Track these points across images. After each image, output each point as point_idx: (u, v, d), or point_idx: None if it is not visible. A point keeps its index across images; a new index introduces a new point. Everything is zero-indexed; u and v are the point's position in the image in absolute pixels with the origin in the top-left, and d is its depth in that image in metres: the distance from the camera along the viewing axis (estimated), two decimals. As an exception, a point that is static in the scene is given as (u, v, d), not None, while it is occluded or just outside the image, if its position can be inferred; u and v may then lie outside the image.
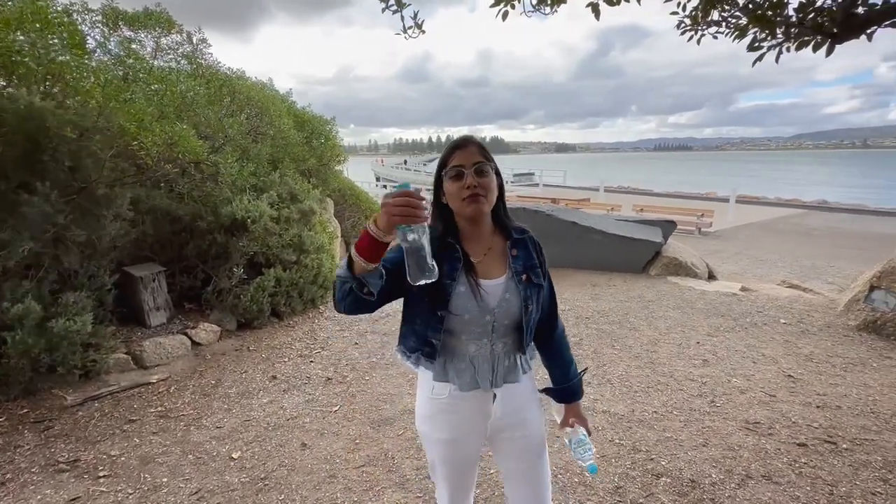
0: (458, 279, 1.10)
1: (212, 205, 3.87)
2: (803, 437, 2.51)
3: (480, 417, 1.20)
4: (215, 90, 4.85)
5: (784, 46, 3.05)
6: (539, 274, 1.18)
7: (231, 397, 2.93)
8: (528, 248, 1.19)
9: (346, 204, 9.08)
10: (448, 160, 1.12)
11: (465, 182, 1.08)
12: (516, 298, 1.12)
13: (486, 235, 1.18)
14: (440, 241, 1.12)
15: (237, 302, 3.88)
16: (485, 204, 1.10)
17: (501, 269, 1.15)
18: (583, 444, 1.25)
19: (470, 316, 1.10)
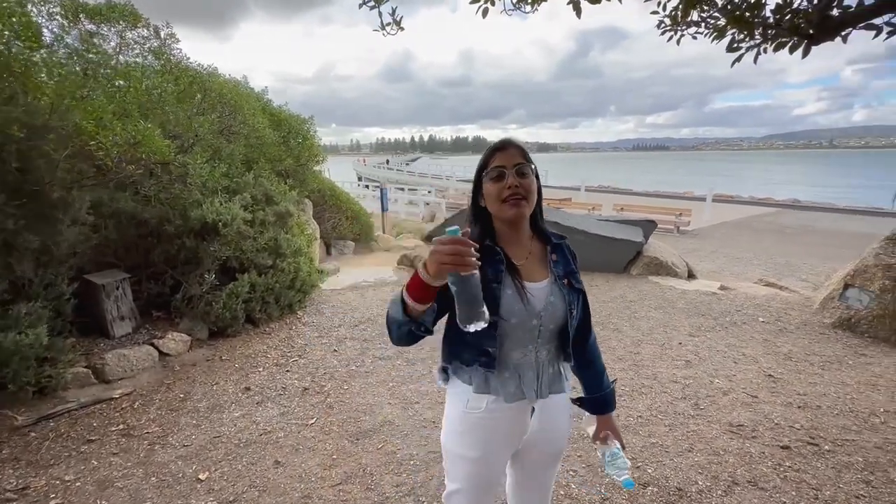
0: (503, 282, 1.09)
1: (180, 208, 3.68)
2: (786, 438, 2.50)
3: (517, 431, 1.16)
4: (185, 87, 4.64)
5: (762, 48, 3.07)
6: (579, 279, 1.18)
7: (200, 412, 2.77)
8: (565, 253, 1.19)
9: (326, 205, 8.89)
10: (489, 162, 1.12)
11: (506, 182, 1.08)
12: (561, 302, 1.11)
13: (525, 239, 1.17)
14: (480, 243, 1.06)
15: (209, 309, 3.70)
16: (525, 206, 1.09)
17: (544, 272, 1.14)
18: (617, 457, 1.20)
19: (517, 320, 1.08)
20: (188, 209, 3.65)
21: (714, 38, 3.20)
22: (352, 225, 9.07)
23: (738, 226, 14.36)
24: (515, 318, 1.08)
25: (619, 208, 15.49)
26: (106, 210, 3.59)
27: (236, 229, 3.81)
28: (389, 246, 9.43)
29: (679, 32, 3.32)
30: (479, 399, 1.12)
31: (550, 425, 1.18)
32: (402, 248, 8.96)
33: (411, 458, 2.33)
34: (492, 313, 1.01)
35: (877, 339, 3.97)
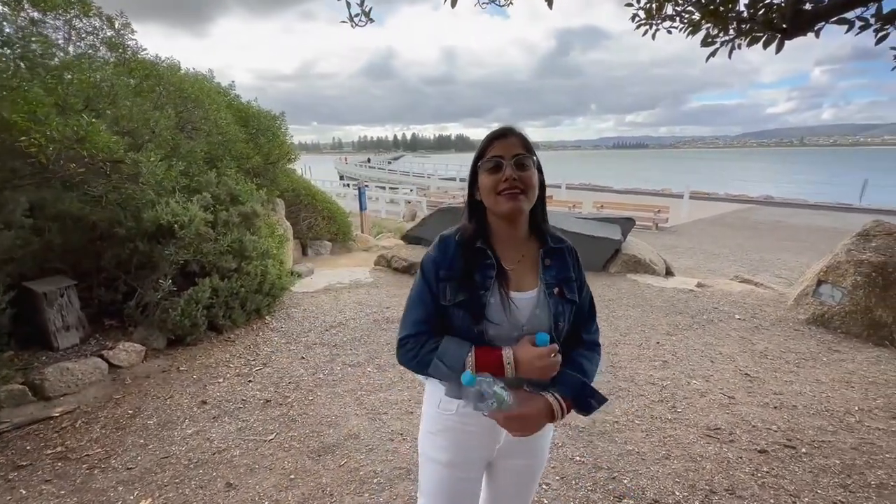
0: (491, 289, 1.02)
1: (133, 209, 3.44)
2: (763, 442, 2.44)
3: (488, 440, 1.10)
4: (141, 80, 4.37)
5: (736, 42, 3.02)
6: (573, 288, 1.08)
7: (149, 429, 2.56)
8: (564, 258, 1.10)
9: (301, 204, 8.63)
10: (486, 151, 1.04)
11: (503, 174, 0.99)
12: (546, 315, 1.03)
13: (521, 240, 1.09)
14: (470, 244, 1.05)
15: (165, 317, 3.47)
16: (524, 201, 1.01)
17: (534, 279, 1.06)
18: (494, 394, 0.94)
19: (496, 332, 1.01)
20: (141, 210, 3.41)
21: (689, 33, 3.14)
22: (328, 225, 8.83)
23: (714, 222, 14.60)
24: (495, 329, 1.01)
25: (599, 206, 15.59)
26: (49, 212, 3.33)
27: (195, 231, 3.59)
28: (368, 246, 9.23)
29: (654, 26, 3.26)
30: (451, 401, 1.06)
31: (525, 438, 1.06)
32: (380, 248, 8.78)
33: (375, 475, 2.18)
34: (477, 322, 1.00)
35: (849, 334, 3.99)
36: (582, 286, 1.13)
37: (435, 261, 1.06)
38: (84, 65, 3.48)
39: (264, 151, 5.82)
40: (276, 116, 6.40)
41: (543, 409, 0.98)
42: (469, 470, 1.12)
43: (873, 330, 3.88)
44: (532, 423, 0.97)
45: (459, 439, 1.09)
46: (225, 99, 5.84)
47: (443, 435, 1.10)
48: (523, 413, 0.95)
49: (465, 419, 1.07)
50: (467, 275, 1.03)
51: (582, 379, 1.03)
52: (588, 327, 1.14)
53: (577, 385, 1.02)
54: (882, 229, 4.23)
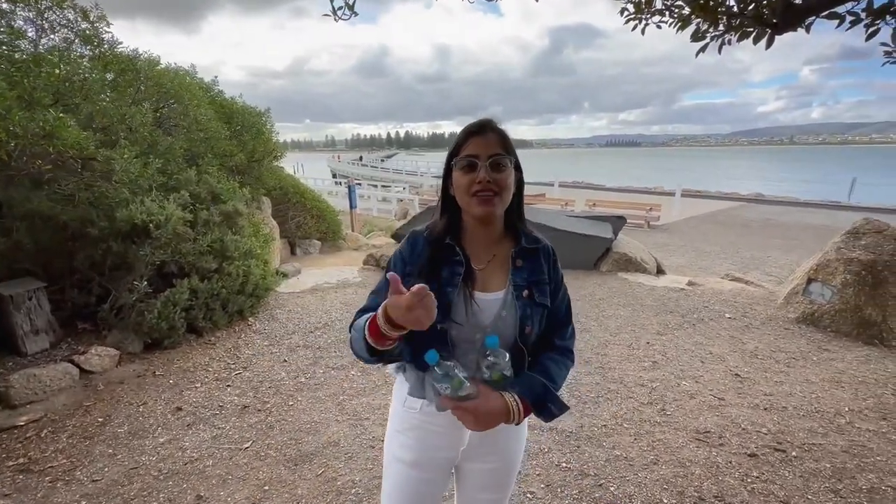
0: (458, 287, 0.99)
1: (106, 208, 3.31)
2: (753, 445, 2.39)
3: (452, 440, 1.06)
4: (117, 75, 4.23)
5: (726, 38, 2.96)
6: (545, 291, 1.03)
7: (119, 438, 2.45)
8: (538, 259, 1.05)
9: (289, 203, 8.50)
10: (461, 147, 0.98)
11: (477, 176, 0.95)
12: (512, 317, 0.99)
13: (493, 239, 1.05)
14: (439, 241, 1.02)
15: (141, 319, 3.35)
16: (497, 204, 0.97)
17: (503, 280, 1.02)
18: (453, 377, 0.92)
19: (458, 332, 0.98)
20: (114, 209, 3.28)
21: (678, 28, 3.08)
22: (318, 223, 8.71)
23: (705, 220, 14.65)
24: (457, 328, 0.98)
25: (591, 204, 15.58)
26: (17, 211, 3.19)
27: (172, 230, 3.47)
28: (358, 245, 9.12)
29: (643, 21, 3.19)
30: (415, 400, 1.05)
31: (491, 440, 1.06)
32: (370, 247, 8.67)
33: (353, 485, 2.10)
34: (442, 319, 0.95)
35: (839, 333, 3.97)
36: (557, 289, 1.08)
37: (402, 256, 1.05)
38: (54, 58, 3.34)
39: (248, 149, 5.69)
40: (262, 113, 6.27)
41: (499, 407, 0.93)
42: (433, 471, 1.09)
43: (863, 328, 3.86)
44: (485, 418, 0.91)
45: (424, 438, 1.06)
46: (208, 95, 5.70)
47: (407, 434, 1.08)
48: (478, 406, 0.91)
49: (429, 418, 1.05)
50: (433, 271, 1.00)
51: (544, 382, 0.98)
52: (562, 332, 1.09)
53: (537, 388, 0.97)
54: (871, 227, 4.21)
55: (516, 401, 0.94)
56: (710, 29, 2.94)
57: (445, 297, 0.97)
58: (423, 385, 1.03)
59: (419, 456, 1.07)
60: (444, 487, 1.13)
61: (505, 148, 0.97)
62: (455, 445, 1.07)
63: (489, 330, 0.98)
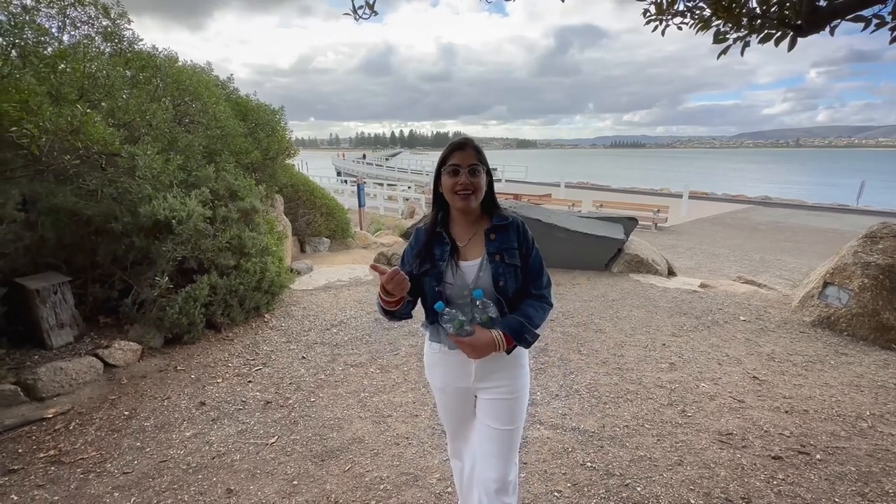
0: (447, 260, 1.37)
1: (129, 203, 3.34)
2: (777, 447, 2.39)
3: (462, 373, 1.43)
4: (138, 72, 4.26)
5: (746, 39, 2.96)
6: (514, 255, 1.37)
7: (146, 432, 2.48)
8: (508, 232, 1.39)
9: (300, 201, 8.53)
10: (448, 158, 1.36)
11: (459, 179, 1.32)
12: (488, 275, 1.35)
13: (472, 223, 1.42)
14: (431, 230, 1.42)
15: (162, 314, 3.38)
16: (473, 200, 1.35)
17: (480, 251, 1.38)
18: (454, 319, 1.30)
19: (452, 291, 1.36)
20: (137, 205, 3.31)
21: (699, 29, 3.08)
22: (327, 221, 8.74)
23: (713, 222, 14.60)
24: (450, 288, 1.36)
25: (598, 205, 15.55)
26: (42, 206, 3.23)
27: (193, 227, 3.50)
28: (367, 243, 9.15)
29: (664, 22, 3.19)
30: (434, 344, 1.46)
31: (492, 372, 1.41)
32: (380, 246, 8.70)
33: (381, 481, 2.12)
34: (439, 283, 1.36)
35: (855, 337, 3.96)
36: (529, 252, 1.41)
37: (411, 245, 1.45)
38: (79, 54, 3.37)
39: (263, 146, 5.72)
40: (276, 111, 6.29)
41: (487, 339, 1.29)
42: (456, 395, 1.49)
43: (880, 333, 3.85)
44: (478, 348, 1.29)
45: (444, 371, 1.46)
46: (224, 92, 5.73)
47: (432, 368, 1.50)
48: (473, 339, 1.29)
49: (444, 356, 1.44)
50: (429, 251, 1.39)
51: (520, 319, 1.32)
52: (536, 283, 1.41)
53: (515, 324, 1.31)
54: (889, 231, 4.20)
55: (500, 334, 1.30)
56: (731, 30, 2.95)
57: (438, 268, 1.36)
58: (438, 332, 1.42)
59: (444, 384, 1.48)
60: (469, 408, 1.53)
61: (479, 159, 1.35)
62: (465, 377, 1.43)
63: (472, 286, 1.34)
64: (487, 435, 1.43)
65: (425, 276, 1.37)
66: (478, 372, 1.40)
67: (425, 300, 1.42)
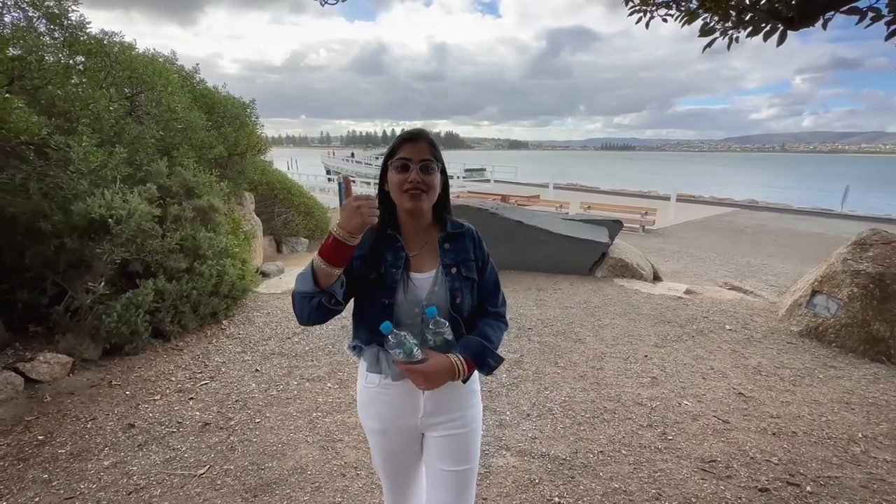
0: (401, 268, 1.14)
1: (61, 200, 3.02)
2: (764, 477, 2.17)
3: (409, 409, 1.19)
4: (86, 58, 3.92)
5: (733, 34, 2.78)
6: (472, 267, 1.20)
7: (58, 461, 2.18)
8: (464, 242, 1.21)
9: (276, 199, 8.22)
10: (396, 150, 1.14)
11: (408, 176, 1.10)
12: (444, 291, 1.15)
13: (423, 229, 1.21)
14: (381, 229, 1.16)
15: (98, 323, 3.07)
16: (425, 201, 1.13)
17: (434, 261, 1.18)
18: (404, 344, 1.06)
19: (400, 308, 1.13)
20: (70, 202, 3.00)
21: (684, 22, 2.90)
22: (305, 220, 8.44)
23: (700, 225, 14.55)
24: (399, 304, 1.13)
25: (586, 206, 15.41)
26: (-40, 202, 2.89)
27: (136, 226, 3.18)
28: (346, 243, 8.85)
29: (649, 14, 3.00)
30: (374, 376, 1.18)
31: (444, 406, 1.19)
32: (359, 246, 8.41)
33: (318, 522, 1.85)
34: (390, 297, 1.12)
35: (844, 349, 3.78)
36: (485, 265, 1.24)
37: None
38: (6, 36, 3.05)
39: (230, 141, 5.40)
40: (246, 104, 5.97)
41: (445, 365, 1.07)
42: (399, 437, 1.22)
43: (870, 345, 3.68)
44: (434, 376, 1.06)
45: (384, 409, 1.20)
46: (188, 83, 5.40)
47: (370, 406, 1.22)
48: (427, 367, 1.05)
49: (386, 390, 1.17)
50: (378, 255, 1.14)
51: (481, 342, 1.14)
52: (493, 300, 1.25)
53: (476, 347, 1.13)
54: (879, 238, 4.04)
55: (459, 359, 1.09)
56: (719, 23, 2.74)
57: (391, 276, 1.12)
58: (378, 361, 1.15)
59: (384, 425, 1.21)
60: (416, 451, 1.26)
61: (434, 155, 1.13)
62: (412, 413, 1.18)
63: (425, 303, 1.12)
64: (439, 479, 1.22)
65: (372, 284, 1.13)
66: (427, 405, 1.18)
67: (362, 311, 1.17)
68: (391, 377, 1.15)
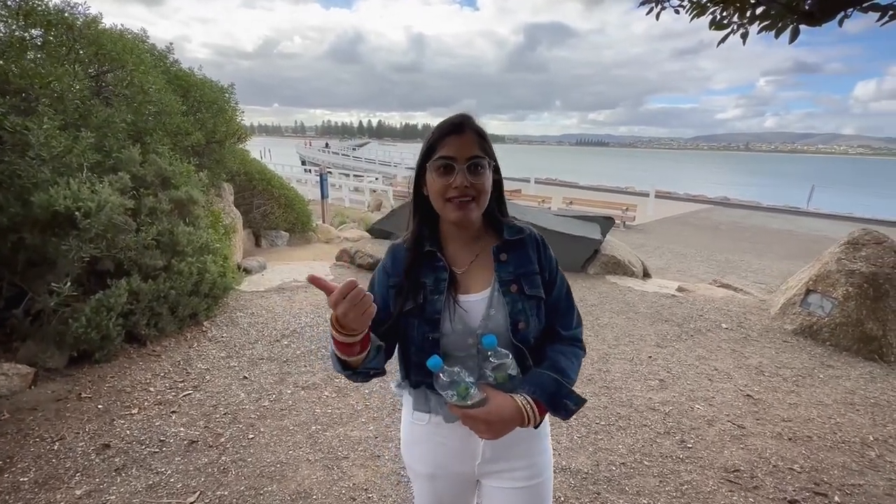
0: (445, 293, 0.94)
1: (18, 190, 2.66)
2: (790, 487, 2.11)
3: (465, 455, 1.00)
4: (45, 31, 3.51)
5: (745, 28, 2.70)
6: (536, 282, 0.97)
7: (21, 491, 1.90)
8: (525, 250, 1.00)
9: (254, 190, 7.81)
10: (436, 146, 0.91)
11: (453, 180, 0.89)
12: (502, 314, 0.94)
13: (472, 240, 1.01)
14: (418, 246, 0.98)
15: (64, 328, 2.75)
16: (475, 210, 0.92)
17: (488, 278, 0.97)
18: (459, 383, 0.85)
19: (449, 339, 0.93)
20: (30, 192, 2.65)
21: (694, 15, 2.81)
22: (286, 213, 8.07)
23: (678, 221, 14.87)
24: (447, 336, 0.93)
25: (568, 202, 15.50)
26: None
27: (106, 220, 2.86)
28: (329, 237, 8.53)
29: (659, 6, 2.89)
30: (422, 415, 1.01)
31: (507, 451, 0.98)
32: (343, 241, 8.11)
33: (331, 557, 1.66)
34: (433, 329, 0.93)
35: (839, 347, 3.83)
36: (553, 277, 1.01)
37: (385, 269, 1.01)
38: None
39: (208, 127, 5.02)
40: (225, 88, 5.57)
41: (511, 410, 0.86)
42: (452, 484, 1.04)
43: (864, 343, 3.73)
44: (498, 424, 0.85)
45: (435, 451, 1.01)
46: (162, 64, 4.98)
47: (417, 446, 1.04)
48: (489, 412, 0.84)
49: (437, 429, 1.00)
50: (416, 281, 0.96)
51: (555, 378, 0.91)
52: (564, 322, 1.02)
53: (549, 385, 0.90)
54: (871, 238, 4.10)
55: (528, 401, 0.87)
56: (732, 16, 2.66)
57: (433, 305, 0.94)
58: (427, 398, 0.99)
59: (434, 469, 1.02)
60: (468, 500, 1.09)
61: (483, 149, 0.92)
62: (468, 459, 1.00)
63: (480, 331, 0.93)
64: None
65: (409, 317, 0.95)
66: (486, 451, 0.99)
67: (406, 349, 0.98)
68: (443, 417, 0.97)
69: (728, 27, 2.61)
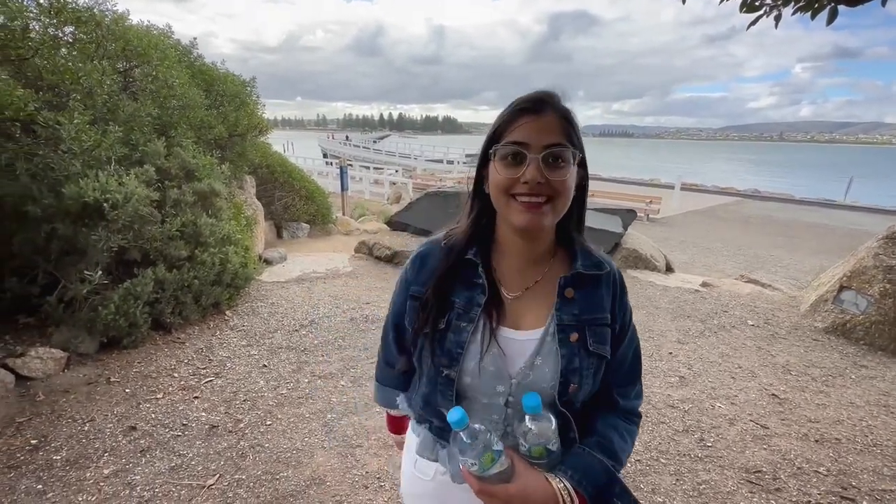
0: (476, 320, 0.74)
1: (51, 182, 2.78)
2: (815, 490, 2.04)
3: None
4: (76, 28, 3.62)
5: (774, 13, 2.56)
6: (605, 336, 0.75)
7: (54, 468, 2.00)
8: (598, 291, 0.77)
9: (276, 182, 7.95)
10: (507, 129, 0.71)
11: (523, 173, 0.68)
12: (552, 368, 0.72)
13: (538, 256, 0.78)
14: (458, 254, 0.77)
15: (95, 315, 2.87)
16: (548, 214, 0.70)
17: (544, 315, 0.75)
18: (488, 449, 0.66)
19: (473, 380, 0.73)
20: (62, 184, 2.76)
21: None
22: (306, 205, 8.18)
23: (704, 214, 14.39)
24: (471, 377, 0.73)
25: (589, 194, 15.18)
26: (-60, 183, 2.65)
27: (133, 211, 2.96)
28: (349, 229, 8.62)
29: (689, -12, 2.77)
30: (428, 464, 0.83)
31: None
32: (362, 233, 8.18)
33: (343, 542, 1.69)
34: (451, 364, 0.74)
35: (873, 347, 3.65)
36: (624, 333, 0.80)
37: (406, 277, 0.83)
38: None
39: (230, 121, 5.12)
40: (246, 82, 5.66)
41: (543, 497, 0.65)
42: None
43: (901, 343, 3.55)
44: None
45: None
46: (186, 59, 5.09)
47: (419, 501, 0.89)
48: (513, 493, 0.65)
49: (444, 489, 0.82)
50: (443, 297, 0.75)
51: (608, 466, 0.70)
52: (626, 390, 0.81)
53: (599, 474, 0.69)
54: (912, 232, 3.88)
55: (569, 491, 0.66)
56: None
57: (458, 335, 0.74)
58: (434, 448, 0.82)
59: None
60: None
61: (568, 136, 0.70)
62: None
63: (516, 381, 0.72)
64: None
65: (427, 341, 0.77)
66: None
67: (418, 370, 0.84)
68: (451, 475, 0.79)
69: (760, 9, 2.49)
